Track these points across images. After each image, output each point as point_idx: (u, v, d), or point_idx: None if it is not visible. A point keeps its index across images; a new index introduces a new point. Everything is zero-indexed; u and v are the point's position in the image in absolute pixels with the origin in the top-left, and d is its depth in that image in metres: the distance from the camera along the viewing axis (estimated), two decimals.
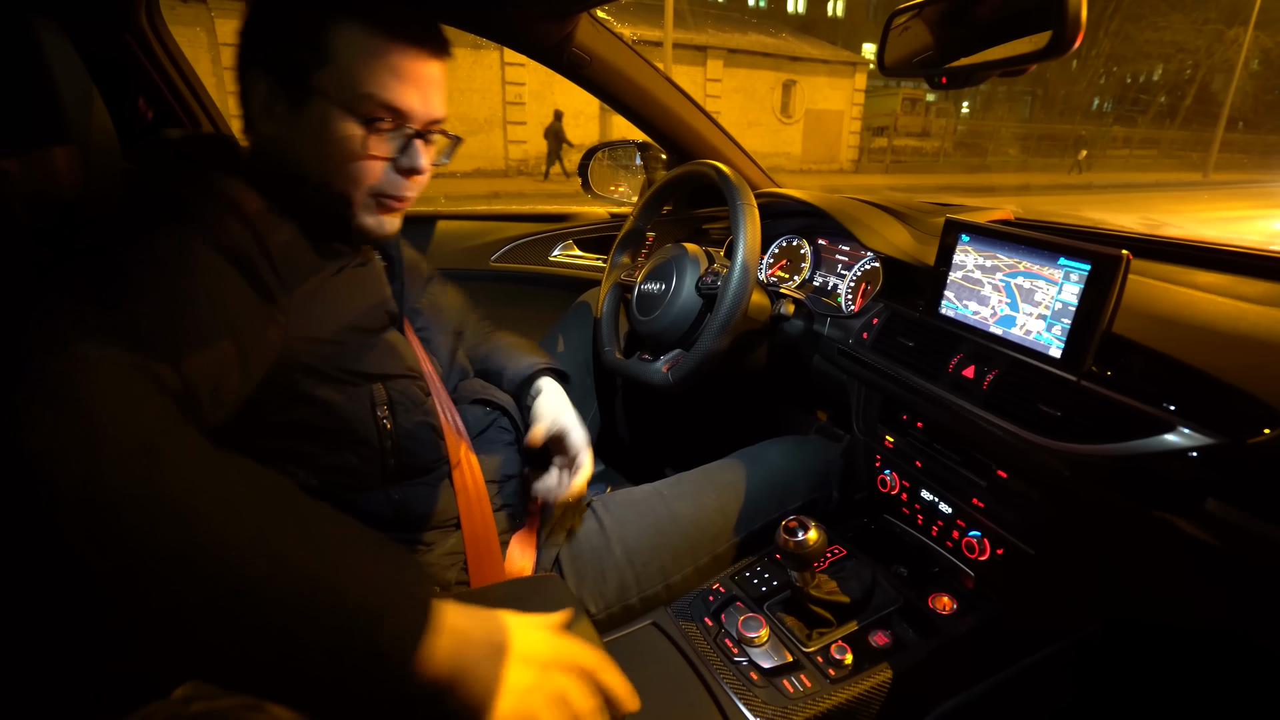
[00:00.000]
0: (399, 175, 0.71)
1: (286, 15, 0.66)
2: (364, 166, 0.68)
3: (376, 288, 0.74)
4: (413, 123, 0.69)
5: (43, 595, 0.36)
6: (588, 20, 1.14)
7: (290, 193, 0.66)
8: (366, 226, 0.72)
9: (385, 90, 0.66)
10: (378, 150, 0.68)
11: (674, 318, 1.11)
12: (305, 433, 0.66)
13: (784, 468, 1.03)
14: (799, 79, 15.76)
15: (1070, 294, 0.72)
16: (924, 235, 1.07)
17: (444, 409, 0.80)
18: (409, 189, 0.73)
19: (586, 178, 1.59)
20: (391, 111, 0.67)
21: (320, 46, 0.64)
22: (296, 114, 0.66)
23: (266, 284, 0.59)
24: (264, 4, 0.67)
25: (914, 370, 0.88)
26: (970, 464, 0.85)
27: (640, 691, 0.74)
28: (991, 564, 0.84)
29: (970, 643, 0.80)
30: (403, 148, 0.70)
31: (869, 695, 0.74)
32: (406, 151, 0.70)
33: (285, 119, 0.67)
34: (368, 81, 0.65)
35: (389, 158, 0.69)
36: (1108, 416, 0.67)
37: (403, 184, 0.72)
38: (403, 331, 0.79)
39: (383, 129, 0.67)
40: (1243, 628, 0.66)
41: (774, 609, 0.84)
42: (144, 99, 1.12)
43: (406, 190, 0.72)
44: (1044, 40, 0.65)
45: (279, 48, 0.66)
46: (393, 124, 0.68)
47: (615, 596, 0.87)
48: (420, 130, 0.70)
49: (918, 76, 0.81)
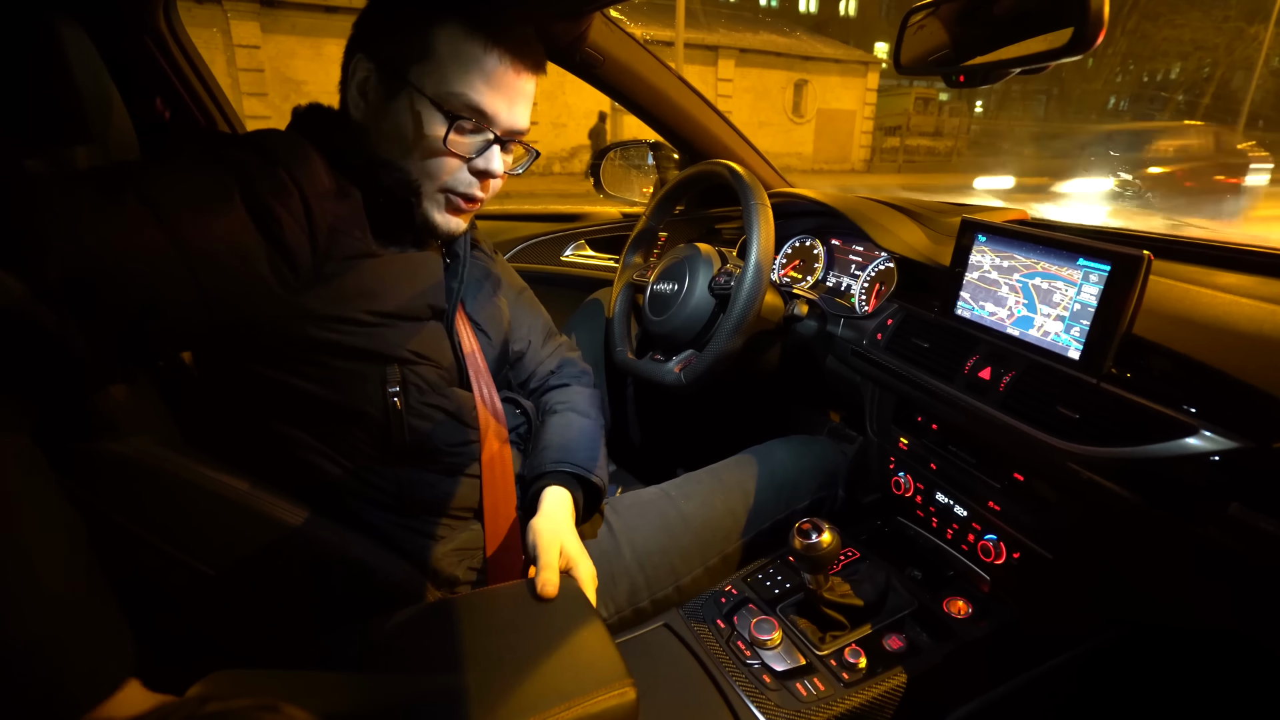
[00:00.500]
0: (472, 176, 0.74)
1: (397, 10, 0.70)
2: (440, 162, 0.72)
3: (425, 279, 0.74)
4: (495, 128, 0.72)
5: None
6: (601, 20, 1.13)
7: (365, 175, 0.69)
8: (432, 220, 0.75)
9: (473, 91, 0.69)
10: (456, 148, 0.71)
11: (686, 318, 1.11)
12: (313, 402, 0.67)
13: (790, 467, 1.03)
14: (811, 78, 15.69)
15: (1089, 295, 0.71)
16: (939, 235, 1.06)
17: (484, 401, 0.80)
18: (481, 191, 0.75)
19: (598, 177, 1.59)
20: (476, 113, 0.70)
21: (422, 42, 0.68)
22: (388, 102, 0.70)
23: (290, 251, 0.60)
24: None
25: (929, 372, 0.88)
26: (986, 467, 0.84)
27: (652, 693, 0.74)
28: (1007, 568, 0.83)
29: (985, 647, 0.79)
30: (481, 150, 0.73)
31: (883, 699, 0.74)
32: (484, 154, 0.73)
33: (377, 106, 0.71)
34: (458, 81, 0.68)
35: (466, 157, 0.72)
36: (1128, 419, 0.66)
37: (475, 185, 0.75)
38: (447, 326, 0.79)
39: (465, 129, 0.71)
40: (1266, 636, 0.65)
41: (787, 611, 0.84)
42: (161, 99, 1.13)
43: (478, 191, 0.75)
44: (1063, 38, 0.64)
45: (385, 38, 0.70)
46: (475, 126, 0.71)
47: (626, 600, 0.86)
48: (501, 136, 0.73)
49: (934, 75, 0.80)
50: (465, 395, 0.78)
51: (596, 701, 0.55)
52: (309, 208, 0.61)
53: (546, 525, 0.76)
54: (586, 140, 11.65)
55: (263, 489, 0.64)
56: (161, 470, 0.59)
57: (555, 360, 0.99)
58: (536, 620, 0.63)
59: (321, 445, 0.70)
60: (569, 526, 0.78)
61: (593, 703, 0.55)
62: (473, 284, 0.86)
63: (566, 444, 0.85)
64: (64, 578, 0.44)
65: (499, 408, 0.82)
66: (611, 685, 0.56)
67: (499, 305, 0.91)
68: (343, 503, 0.71)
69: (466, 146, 0.72)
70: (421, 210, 0.74)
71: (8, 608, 0.41)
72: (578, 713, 0.54)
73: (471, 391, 0.79)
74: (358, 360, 0.68)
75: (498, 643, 0.61)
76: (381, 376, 0.69)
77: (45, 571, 0.43)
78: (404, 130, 0.70)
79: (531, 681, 0.56)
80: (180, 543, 0.61)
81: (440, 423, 0.74)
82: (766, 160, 1.44)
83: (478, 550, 0.78)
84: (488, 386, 0.82)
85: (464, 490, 0.78)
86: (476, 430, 0.78)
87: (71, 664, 0.43)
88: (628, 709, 0.56)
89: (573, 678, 0.56)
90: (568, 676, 0.57)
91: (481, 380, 0.81)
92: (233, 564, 0.63)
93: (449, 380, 0.77)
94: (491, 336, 0.87)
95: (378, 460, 0.72)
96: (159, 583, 0.61)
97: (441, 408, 0.74)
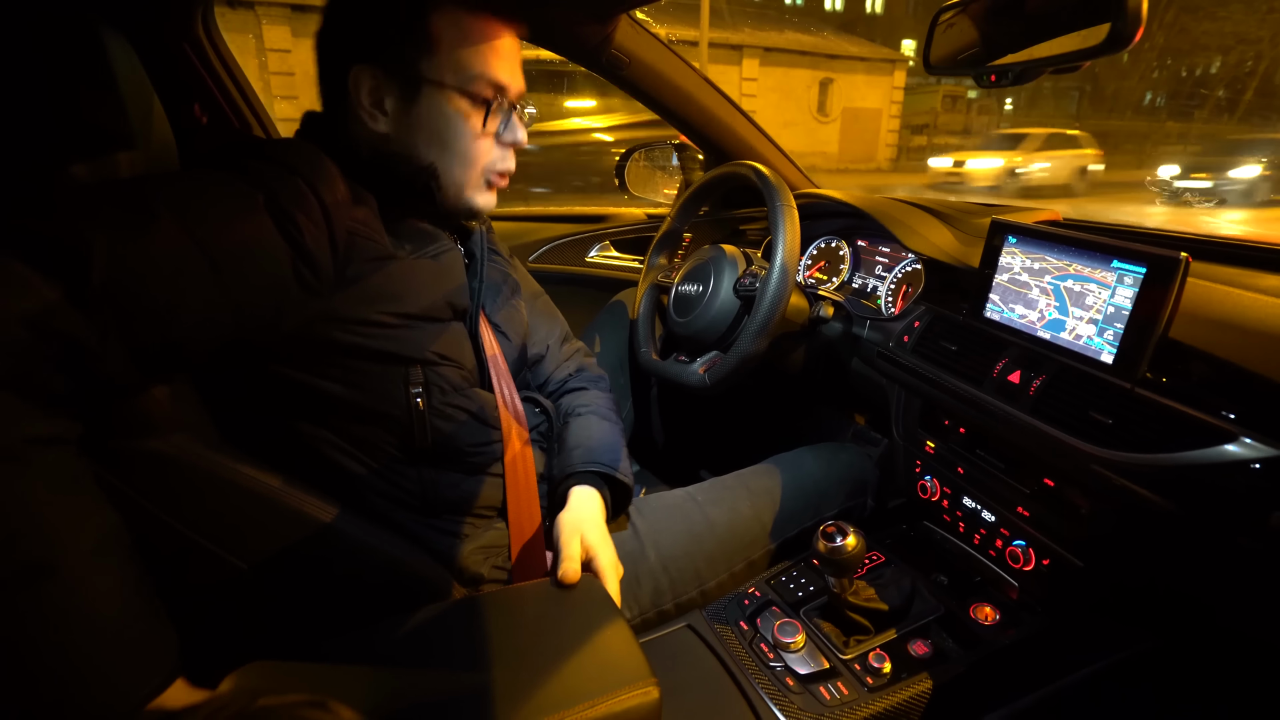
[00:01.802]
0: (505, 149, 0.75)
1: (386, 8, 0.68)
2: (480, 146, 0.73)
3: (447, 280, 0.75)
4: (511, 96, 0.73)
5: None
6: (626, 21, 1.14)
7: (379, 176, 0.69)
8: (479, 206, 0.76)
9: (490, 68, 0.70)
10: (492, 129, 0.72)
11: (711, 319, 1.11)
12: (337, 403, 0.68)
13: (820, 475, 1.02)
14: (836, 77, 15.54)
15: (1124, 298, 0.70)
16: (968, 237, 1.04)
17: (505, 402, 0.80)
18: (512, 161, 0.77)
19: (623, 179, 1.59)
20: (498, 88, 0.71)
21: (423, 34, 0.67)
22: (410, 106, 0.69)
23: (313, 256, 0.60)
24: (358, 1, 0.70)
25: (956, 375, 0.86)
26: (1015, 472, 0.83)
27: (674, 694, 0.74)
28: (1037, 575, 0.82)
29: (1013, 655, 0.78)
30: (505, 121, 0.74)
31: (908, 705, 0.73)
32: (509, 125, 0.74)
33: (397, 114, 0.70)
34: (476, 62, 0.68)
35: (499, 135, 0.74)
36: (1164, 425, 0.65)
37: (508, 157, 0.76)
38: (469, 326, 0.80)
39: (492, 108, 0.71)
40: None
41: (810, 615, 0.83)
42: (199, 105, 1.16)
43: (511, 164, 0.77)
44: (1099, 35, 0.62)
45: (383, 41, 0.68)
46: (499, 101, 0.72)
47: (650, 601, 0.87)
48: (514, 103, 0.74)
49: (964, 74, 0.79)
50: (487, 396, 0.79)
51: (620, 700, 0.55)
52: (328, 214, 0.62)
53: (569, 518, 0.78)
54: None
55: (295, 485, 0.66)
56: (199, 467, 0.61)
57: (573, 364, 1.00)
58: (561, 619, 0.64)
59: (347, 445, 0.71)
60: (593, 520, 0.79)
61: (616, 701, 0.55)
62: (491, 286, 0.87)
63: (592, 445, 0.86)
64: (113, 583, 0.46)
65: (520, 408, 0.83)
66: (635, 684, 0.56)
67: (517, 307, 0.92)
68: (369, 501, 0.72)
69: (497, 124, 0.73)
70: (471, 202, 0.75)
71: (59, 613, 0.43)
72: (601, 711, 0.54)
73: (493, 392, 0.80)
74: (380, 362, 0.68)
75: (523, 640, 0.61)
76: (404, 378, 0.70)
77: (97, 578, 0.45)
78: (438, 128, 0.70)
79: (556, 680, 0.56)
80: (215, 537, 0.62)
81: (463, 423, 0.75)
82: (792, 161, 1.43)
83: (503, 549, 0.79)
84: (509, 387, 0.83)
85: (487, 490, 0.78)
86: (499, 430, 0.79)
87: (120, 663, 0.45)
88: (651, 708, 0.56)
89: (596, 676, 0.57)
90: (591, 675, 0.57)
91: (503, 381, 0.82)
92: (265, 559, 0.65)
93: (471, 381, 0.77)
94: (511, 339, 0.88)
95: (402, 460, 0.73)
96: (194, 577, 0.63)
97: (464, 408, 0.75)
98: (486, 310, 0.85)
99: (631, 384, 1.34)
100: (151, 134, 0.68)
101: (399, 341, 0.69)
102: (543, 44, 1.15)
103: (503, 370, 0.83)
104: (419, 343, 0.71)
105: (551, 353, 0.98)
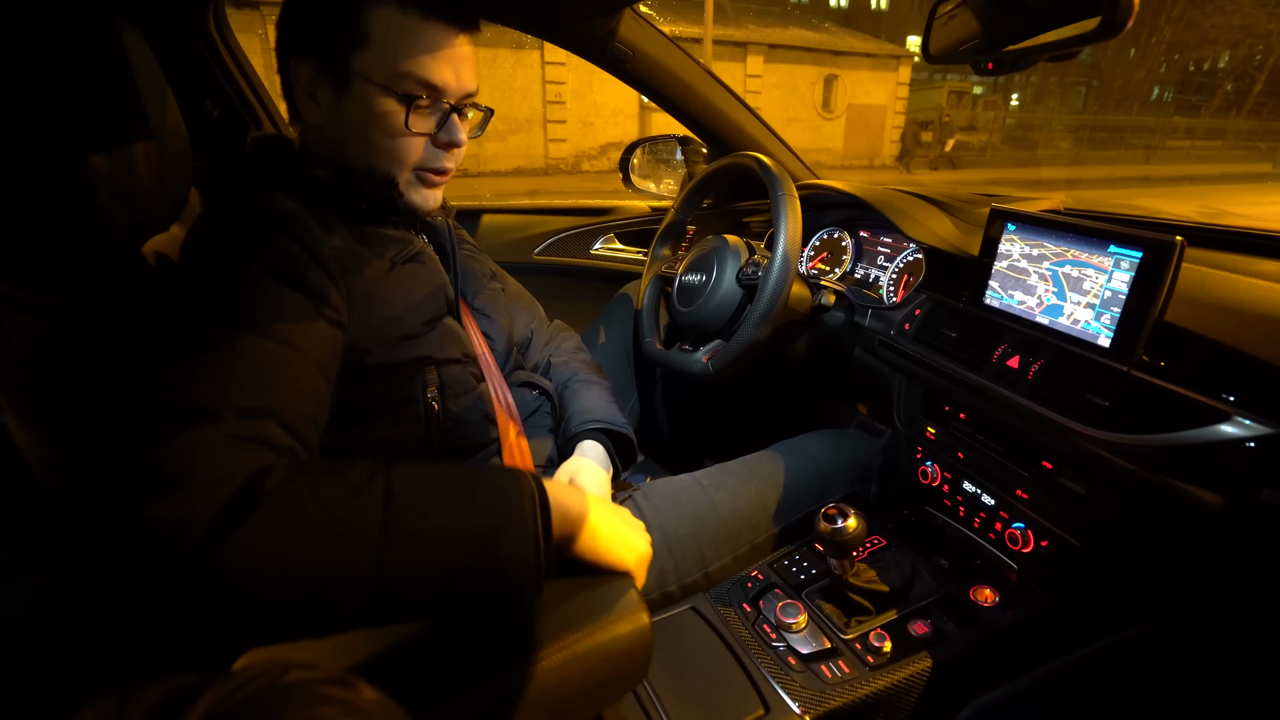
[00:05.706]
0: (439, 149, 0.75)
1: (325, 3, 0.70)
2: (406, 143, 0.72)
3: (432, 279, 0.77)
4: (448, 98, 0.73)
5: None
6: (630, 15, 1.15)
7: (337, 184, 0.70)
8: (413, 203, 0.77)
9: (421, 68, 0.69)
10: (418, 127, 0.72)
11: (714, 308, 1.12)
12: (353, 413, 0.69)
13: (824, 461, 1.04)
14: (841, 73, 15.47)
15: (1120, 282, 0.71)
16: (968, 226, 1.06)
17: (497, 393, 0.83)
18: (449, 161, 0.77)
19: (627, 172, 1.61)
20: (428, 88, 0.71)
21: (358, 29, 0.68)
22: (340, 99, 0.70)
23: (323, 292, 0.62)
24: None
25: (957, 361, 0.88)
26: (1014, 455, 0.84)
27: (679, 674, 0.76)
28: (1035, 556, 0.83)
29: (1012, 635, 0.80)
30: (441, 123, 0.74)
31: (908, 683, 0.74)
32: (445, 126, 0.74)
33: (329, 106, 0.71)
34: (405, 60, 0.69)
35: (429, 133, 0.74)
36: (1160, 406, 0.66)
37: (442, 157, 0.76)
38: (458, 318, 0.82)
39: (421, 106, 0.71)
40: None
41: (812, 596, 0.85)
42: (210, 100, 1.18)
43: (447, 163, 0.77)
44: (1094, 21, 0.63)
45: (319, 34, 0.70)
46: (430, 100, 0.72)
47: (655, 583, 0.88)
48: (455, 105, 0.74)
49: (963, 63, 0.80)
50: (485, 389, 0.81)
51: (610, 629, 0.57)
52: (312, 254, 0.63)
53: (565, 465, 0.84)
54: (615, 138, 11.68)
55: None
56: None
57: (558, 339, 1.06)
58: None
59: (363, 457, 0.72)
60: (589, 467, 0.84)
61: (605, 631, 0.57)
62: (468, 275, 0.90)
63: (588, 407, 0.92)
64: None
65: (510, 399, 0.86)
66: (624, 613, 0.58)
67: (497, 291, 0.95)
68: None
69: (428, 123, 0.72)
70: (403, 198, 0.76)
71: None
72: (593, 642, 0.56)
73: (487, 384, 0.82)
74: (393, 370, 0.70)
75: None
76: (420, 381, 0.72)
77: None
78: (364, 123, 0.70)
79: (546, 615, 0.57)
80: None
81: (474, 421, 0.78)
82: (795, 154, 1.44)
83: None
84: (498, 379, 0.85)
85: None
86: (497, 427, 0.81)
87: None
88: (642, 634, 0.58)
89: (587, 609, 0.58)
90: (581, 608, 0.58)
91: (493, 374, 0.85)
92: None
93: (476, 376, 0.80)
94: (498, 321, 0.91)
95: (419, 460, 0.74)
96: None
97: (471, 404, 0.77)
98: (468, 299, 0.88)
99: (637, 375, 1.35)
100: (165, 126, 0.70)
101: (409, 346, 0.71)
102: (548, 38, 1.16)
103: (490, 362, 0.85)
104: (428, 344, 0.73)
105: (538, 334, 1.03)
